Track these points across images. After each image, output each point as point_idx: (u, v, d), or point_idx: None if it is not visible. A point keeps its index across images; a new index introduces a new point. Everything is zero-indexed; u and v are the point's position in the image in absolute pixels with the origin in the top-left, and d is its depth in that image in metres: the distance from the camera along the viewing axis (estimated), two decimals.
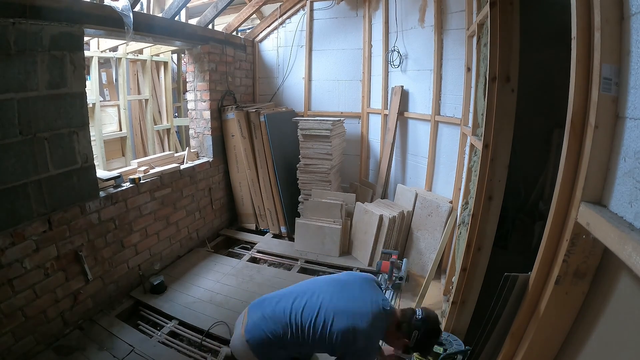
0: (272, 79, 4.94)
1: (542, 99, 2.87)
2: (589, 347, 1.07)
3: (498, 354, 1.50)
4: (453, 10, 3.21)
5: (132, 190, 3.03)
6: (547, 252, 1.22)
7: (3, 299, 2.13)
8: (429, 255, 3.36)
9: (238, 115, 4.08)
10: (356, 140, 4.65)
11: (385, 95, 4.21)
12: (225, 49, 4.22)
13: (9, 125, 2.08)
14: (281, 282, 3.30)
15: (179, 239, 3.70)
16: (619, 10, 0.89)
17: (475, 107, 2.45)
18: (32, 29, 2.15)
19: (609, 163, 0.96)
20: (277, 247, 4.00)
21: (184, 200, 3.73)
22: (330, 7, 4.43)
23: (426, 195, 3.54)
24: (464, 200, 2.63)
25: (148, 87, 5.15)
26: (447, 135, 3.43)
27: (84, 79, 2.55)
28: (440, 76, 3.43)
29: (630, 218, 0.83)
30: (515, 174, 2.10)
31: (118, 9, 2.68)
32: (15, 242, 2.16)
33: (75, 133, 2.49)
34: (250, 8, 4.17)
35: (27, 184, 2.21)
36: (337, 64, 4.58)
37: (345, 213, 3.82)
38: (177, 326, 2.71)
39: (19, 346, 2.22)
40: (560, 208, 1.15)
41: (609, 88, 0.93)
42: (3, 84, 2.03)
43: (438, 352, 2.01)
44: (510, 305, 1.42)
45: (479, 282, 2.13)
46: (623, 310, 0.95)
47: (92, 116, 4.00)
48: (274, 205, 4.25)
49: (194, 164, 3.90)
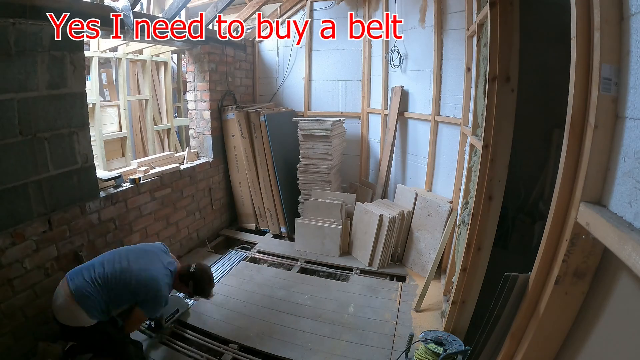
0: (272, 79, 4.95)
1: (542, 99, 2.87)
2: (589, 347, 1.07)
3: (498, 354, 1.50)
4: (453, 10, 3.21)
5: (132, 191, 3.03)
6: (547, 252, 1.22)
7: (3, 299, 2.13)
8: (429, 255, 3.36)
9: (238, 116, 4.08)
10: (356, 140, 4.65)
11: (385, 95, 4.21)
12: (225, 49, 4.22)
13: (9, 125, 2.08)
14: (281, 282, 3.30)
15: (179, 239, 3.70)
16: (619, 11, 0.90)
17: (475, 107, 2.45)
18: (32, 29, 2.15)
19: (608, 163, 0.96)
20: (277, 247, 4.00)
21: (184, 201, 3.73)
22: (330, 7, 4.43)
23: (426, 195, 3.54)
24: (464, 200, 2.63)
25: (148, 87, 5.14)
26: (447, 135, 3.43)
27: (84, 79, 2.55)
28: (440, 76, 3.43)
29: (630, 218, 0.83)
30: (515, 174, 2.10)
31: (118, 9, 2.68)
32: (15, 242, 2.16)
33: (75, 133, 2.49)
34: (250, 8, 4.17)
35: (27, 184, 2.21)
36: (337, 64, 4.58)
37: (345, 213, 3.82)
38: (177, 326, 2.71)
39: (19, 346, 2.22)
40: (560, 208, 1.15)
41: (609, 88, 0.93)
42: (3, 84, 2.03)
43: (438, 352, 2.01)
44: (510, 305, 1.42)
45: (479, 282, 2.13)
46: (623, 310, 0.95)
47: (92, 116, 4.00)
48: (274, 205, 4.25)
49: (194, 164, 3.90)
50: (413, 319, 2.78)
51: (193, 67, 4.04)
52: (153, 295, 2.09)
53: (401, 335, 2.58)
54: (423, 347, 2.10)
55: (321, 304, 2.98)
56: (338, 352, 2.46)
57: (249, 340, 2.57)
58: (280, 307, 2.93)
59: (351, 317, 2.82)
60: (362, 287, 3.24)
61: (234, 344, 2.54)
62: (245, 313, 2.87)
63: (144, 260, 2.16)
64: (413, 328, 2.64)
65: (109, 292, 2.01)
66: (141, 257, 2.17)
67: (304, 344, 2.52)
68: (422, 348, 2.11)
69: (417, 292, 3.02)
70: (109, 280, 2.02)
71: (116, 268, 2.06)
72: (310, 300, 3.04)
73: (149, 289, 2.07)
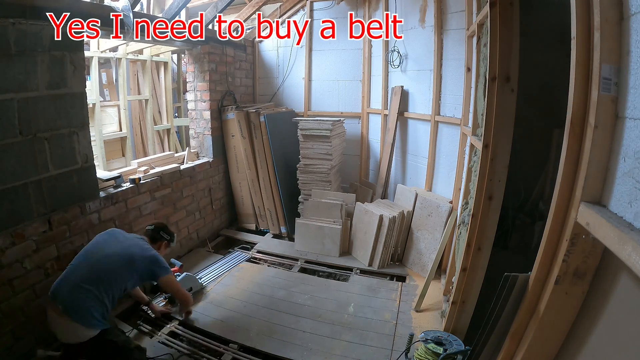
0: (272, 79, 4.95)
1: (542, 99, 2.87)
2: (589, 347, 1.07)
3: (498, 354, 1.50)
4: (453, 10, 3.21)
5: (132, 191, 3.04)
6: (547, 252, 1.22)
7: (3, 299, 2.13)
8: (429, 255, 3.36)
9: (238, 116, 4.08)
10: (356, 140, 4.65)
11: (385, 95, 4.21)
12: (225, 49, 4.22)
13: (9, 125, 2.08)
14: (281, 282, 3.30)
15: (179, 239, 3.70)
16: (619, 11, 0.90)
17: (475, 107, 2.45)
18: (32, 29, 2.15)
19: (608, 163, 0.96)
20: (277, 247, 4.00)
21: (184, 201, 3.73)
22: (330, 7, 4.43)
23: (426, 195, 3.54)
24: (464, 200, 2.63)
25: (148, 87, 5.14)
26: (447, 135, 3.43)
27: (84, 79, 2.55)
28: (440, 76, 3.43)
29: (629, 218, 0.83)
30: (515, 174, 2.10)
31: (118, 9, 2.68)
32: (15, 242, 2.16)
33: (76, 133, 2.49)
34: (250, 8, 4.17)
35: (28, 184, 2.21)
36: (337, 64, 4.58)
37: (345, 213, 3.82)
38: (177, 326, 2.71)
39: (19, 346, 2.22)
40: (560, 208, 1.15)
41: (609, 88, 0.93)
42: (3, 84, 2.03)
43: (438, 352, 2.01)
44: (510, 305, 1.42)
45: (479, 282, 2.13)
46: (623, 310, 0.95)
47: (92, 116, 4.00)
48: (274, 205, 4.25)
49: (194, 164, 3.90)
50: (413, 319, 2.78)
51: (193, 67, 4.04)
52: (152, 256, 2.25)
53: (401, 335, 2.58)
54: (423, 347, 2.10)
55: (321, 304, 2.98)
56: (338, 352, 2.46)
57: (249, 340, 2.56)
58: (280, 307, 2.93)
59: (351, 317, 2.82)
60: (362, 287, 3.24)
61: (234, 344, 2.54)
62: (245, 313, 2.87)
63: (116, 241, 2.22)
64: (413, 328, 2.64)
65: (99, 287, 1.98)
66: (111, 242, 2.21)
67: (304, 344, 2.52)
68: (422, 348, 2.11)
69: (417, 292, 3.02)
70: (94, 275, 2.00)
71: (94, 262, 2.06)
72: (310, 300, 3.04)
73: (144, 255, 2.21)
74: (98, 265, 2.05)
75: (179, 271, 3.04)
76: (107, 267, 2.06)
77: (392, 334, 2.62)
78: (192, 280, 3.03)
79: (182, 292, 2.55)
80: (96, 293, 1.97)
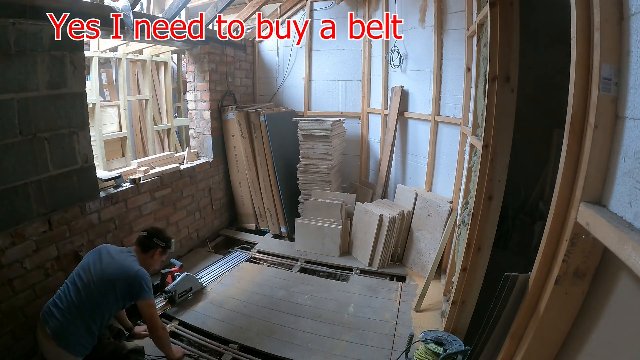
0: (272, 79, 4.95)
1: (542, 99, 2.87)
2: (589, 347, 1.07)
3: (498, 354, 1.50)
4: (453, 10, 3.21)
5: (132, 191, 3.03)
6: (547, 252, 1.22)
7: (3, 299, 2.12)
8: (429, 255, 3.36)
9: (238, 116, 4.08)
10: (356, 140, 4.65)
11: (385, 95, 4.21)
12: (225, 49, 4.22)
13: (9, 125, 2.08)
14: (281, 282, 3.30)
15: (179, 239, 3.70)
16: (619, 10, 0.89)
17: (475, 107, 2.45)
18: (32, 29, 2.15)
19: (608, 163, 0.96)
20: (277, 247, 4.00)
21: (184, 201, 3.73)
22: (330, 7, 4.43)
23: (426, 195, 3.54)
24: (464, 200, 2.63)
25: (148, 87, 5.14)
26: (447, 135, 3.43)
27: (84, 79, 2.55)
28: (440, 76, 3.43)
29: (629, 218, 0.83)
30: (515, 174, 2.10)
31: (118, 9, 2.68)
32: (15, 242, 2.16)
33: (76, 133, 2.49)
34: (250, 8, 4.17)
35: (28, 184, 2.21)
36: (337, 64, 4.58)
37: (345, 213, 3.82)
38: (177, 326, 2.71)
39: (19, 346, 2.21)
40: (560, 208, 1.15)
41: (609, 88, 0.93)
42: (3, 84, 2.03)
43: (438, 352, 2.01)
44: (510, 305, 1.42)
45: (479, 282, 2.13)
46: (623, 310, 0.95)
47: (92, 116, 4.00)
48: (274, 205, 4.25)
49: (194, 164, 3.90)
50: (413, 319, 2.78)
51: (193, 67, 4.04)
52: (133, 276, 2.06)
53: (401, 335, 2.58)
54: (423, 347, 2.10)
55: (321, 304, 2.98)
56: (338, 352, 2.46)
57: (249, 340, 2.56)
58: (280, 307, 2.93)
59: (351, 317, 2.82)
60: (362, 287, 3.24)
61: (234, 344, 2.54)
62: (245, 313, 2.87)
63: (99, 264, 2.08)
64: (413, 328, 2.64)
65: (87, 317, 1.95)
66: (97, 266, 2.07)
67: (304, 344, 2.52)
68: (422, 348, 2.11)
69: (417, 292, 3.02)
70: (82, 305, 1.96)
71: (82, 288, 1.99)
72: (310, 300, 3.04)
73: (124, 275, 2.05)
74: (85, 293, 1.98)
75: (179, 271, 3.05)
76: (92, 296, 1.99)
77: (392, 334, 2.62)
78: (192, 280, 3.03)
79: (155, 321, 2.17)
80: (85, 324, 1.95)
